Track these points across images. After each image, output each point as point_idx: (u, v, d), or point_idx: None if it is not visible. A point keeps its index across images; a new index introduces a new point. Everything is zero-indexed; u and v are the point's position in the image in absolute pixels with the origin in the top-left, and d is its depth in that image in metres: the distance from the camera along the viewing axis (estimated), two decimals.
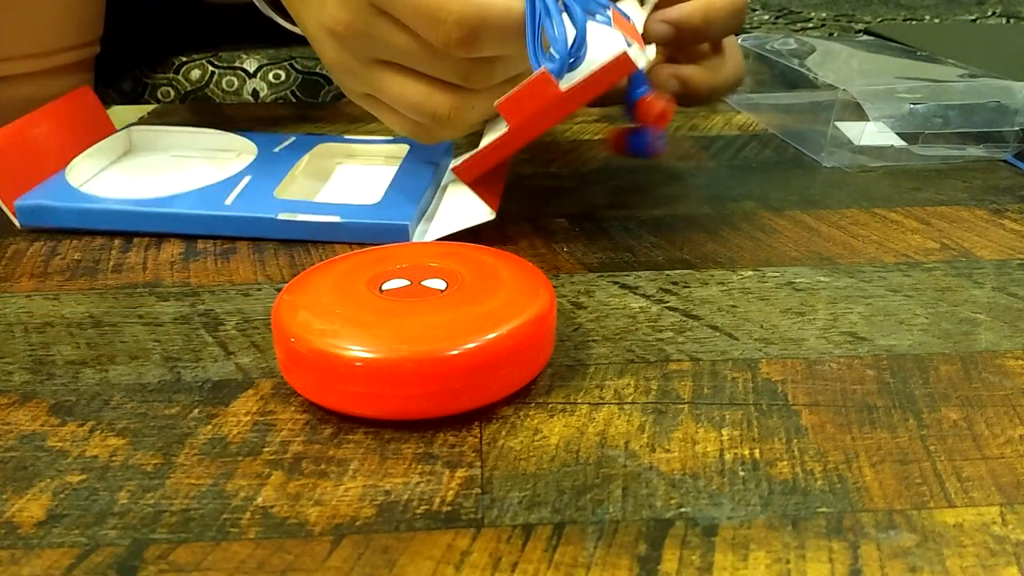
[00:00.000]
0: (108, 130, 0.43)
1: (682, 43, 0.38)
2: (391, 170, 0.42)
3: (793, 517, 0.20)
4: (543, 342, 0.25)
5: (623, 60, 0.30)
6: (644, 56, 0.32)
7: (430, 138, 0.35)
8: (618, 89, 0.33)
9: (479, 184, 0.35)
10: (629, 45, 0.31)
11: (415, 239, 0.35)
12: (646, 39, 0.36)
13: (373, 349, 0.23)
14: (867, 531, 0.20)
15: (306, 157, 0.41)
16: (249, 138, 0.43)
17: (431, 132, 0.34)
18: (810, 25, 0.90)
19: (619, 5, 0.36)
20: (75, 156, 0.39)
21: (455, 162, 0.34)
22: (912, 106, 0.44)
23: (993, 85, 0.46)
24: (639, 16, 0.37)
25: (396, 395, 0.23)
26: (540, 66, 0.30)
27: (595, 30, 0.32)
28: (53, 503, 0.21)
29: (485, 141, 0.34)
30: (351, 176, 0.41)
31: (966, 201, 0.40)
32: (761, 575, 0.19)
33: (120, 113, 0.56)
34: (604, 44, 0.32)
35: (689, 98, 0.41)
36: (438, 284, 0.26)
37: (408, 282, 0.26)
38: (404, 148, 0.42)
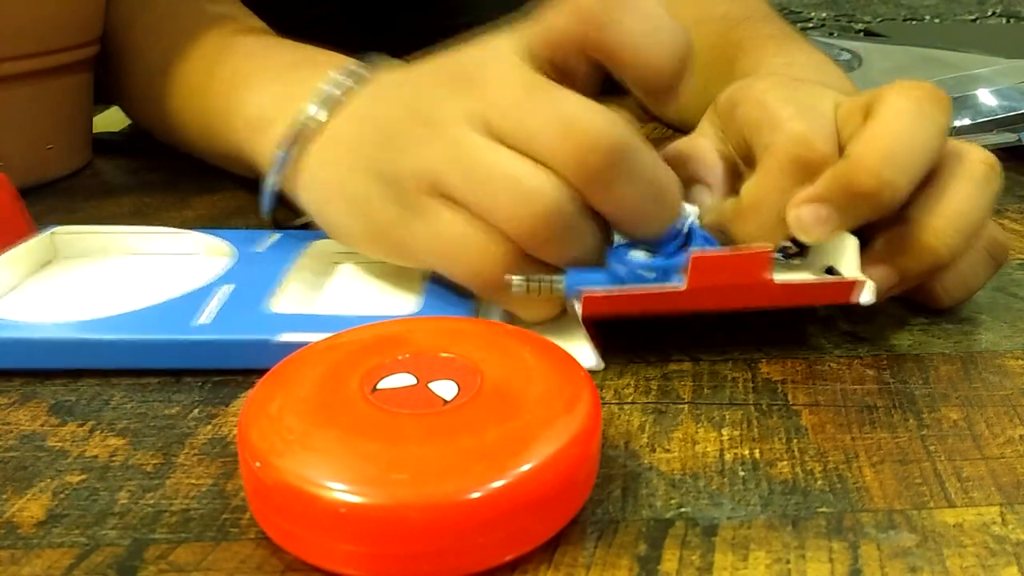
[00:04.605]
0: (22, 230, 0.32)
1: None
2: (402, 269, 0.31)
3: (793, 517, 0.20)
4: (580, 478, 0.20)
5: (854, 288, 0.26)
6: (871, 292, 0.26)
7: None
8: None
9: (591, 323, 0.27)
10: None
11: None
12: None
13: (341, 487, 0.17)
14: (867, 531, 0.20)
15: (300, 258, 0.31)
16: (219, 236, 0.34)
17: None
18: (810, 25, 0.90)
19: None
20: None
21: (588, 289, 0.26)
22: None
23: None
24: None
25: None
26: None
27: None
28: (53, 503, 0.21)
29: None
30: (356, 279, 0.32)
31: None
32: (761, 575, 0.19)
33: (120, 112, 0.56)
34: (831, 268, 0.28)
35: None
36: (447, 388, 0.21)
37: (412, 379, 0.21)
38: None
